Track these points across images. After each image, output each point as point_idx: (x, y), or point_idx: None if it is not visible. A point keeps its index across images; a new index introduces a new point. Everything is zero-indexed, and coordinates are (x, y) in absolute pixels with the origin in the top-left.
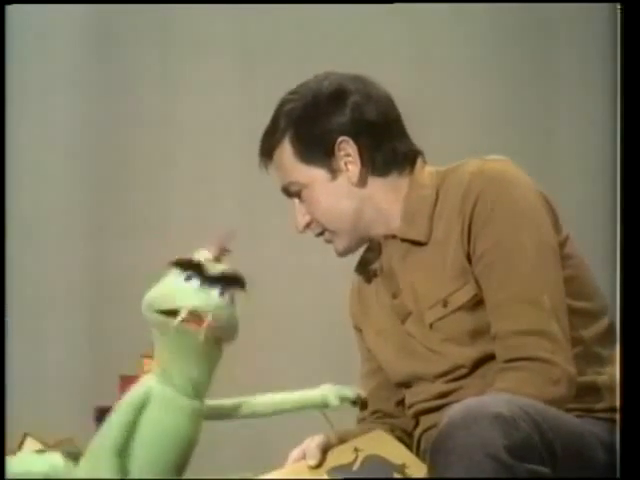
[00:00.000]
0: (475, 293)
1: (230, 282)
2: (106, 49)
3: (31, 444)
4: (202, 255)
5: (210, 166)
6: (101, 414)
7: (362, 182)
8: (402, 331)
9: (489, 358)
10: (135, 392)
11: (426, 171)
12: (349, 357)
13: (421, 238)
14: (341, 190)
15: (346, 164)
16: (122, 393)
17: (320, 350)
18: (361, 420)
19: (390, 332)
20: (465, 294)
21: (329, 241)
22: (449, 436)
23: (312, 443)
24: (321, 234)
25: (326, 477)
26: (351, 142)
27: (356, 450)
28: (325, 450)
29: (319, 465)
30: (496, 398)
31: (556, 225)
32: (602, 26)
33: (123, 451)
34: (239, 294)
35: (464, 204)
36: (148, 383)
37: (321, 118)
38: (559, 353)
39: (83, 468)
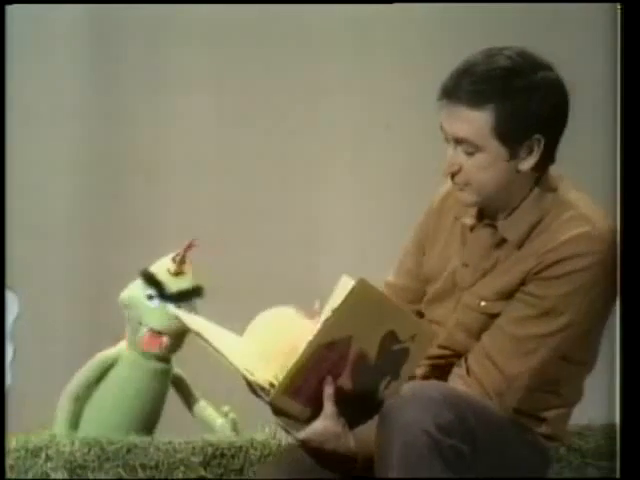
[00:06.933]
0: (501, 311)
1: (188, 296)
2: (106, 49)
3: None
4: (164, 266)
5: (209, 169)
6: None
7: (526, 173)
8: (452, 281)
9: None
10: (108, 352)
11: (551, 183)
12: None
13: (515, 241)
14: (509, 172)
15: (526, 155)
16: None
17: None
18: None
19: (442, 277)
20: (497, 308)
21: (462, 190)
22: (393, 412)
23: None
24: (457, 185)
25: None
26: (542, 143)
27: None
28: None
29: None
30: (436, 384)
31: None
32: (602, 26)
33: (82, 398)
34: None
35: (552, 253)
36: (120, 347)
37: (529, 111)
38: (507, 393)
39: None
